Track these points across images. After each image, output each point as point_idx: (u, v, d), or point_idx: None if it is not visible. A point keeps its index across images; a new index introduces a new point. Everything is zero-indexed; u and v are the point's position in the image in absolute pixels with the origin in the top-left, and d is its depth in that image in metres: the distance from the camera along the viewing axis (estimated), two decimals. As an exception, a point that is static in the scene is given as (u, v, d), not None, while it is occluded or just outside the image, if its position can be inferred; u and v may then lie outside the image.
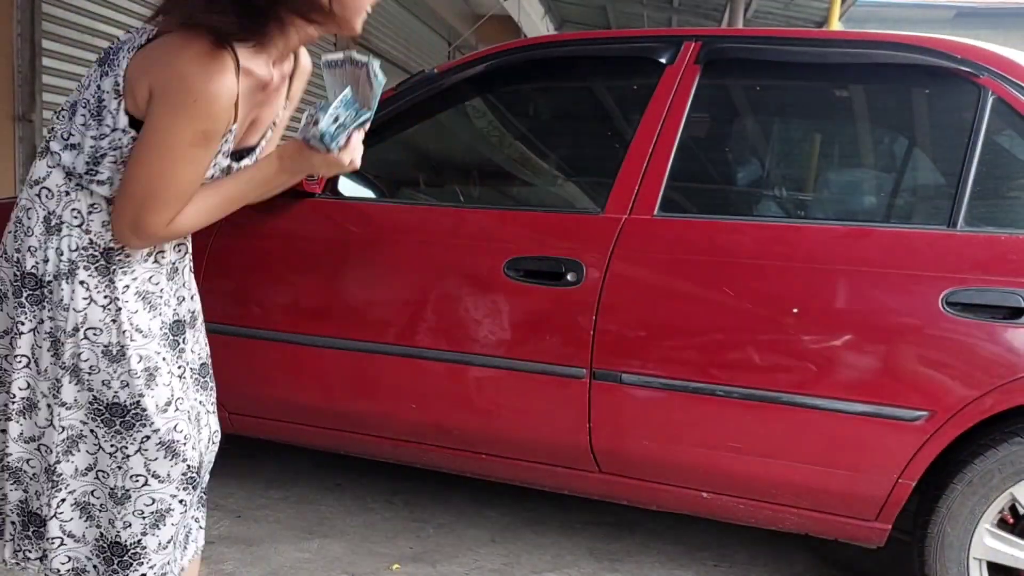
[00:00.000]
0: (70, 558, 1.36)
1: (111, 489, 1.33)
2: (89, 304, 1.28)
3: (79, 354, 1.28)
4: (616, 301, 2.04)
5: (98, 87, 1.26)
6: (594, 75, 2.57)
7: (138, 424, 1.31)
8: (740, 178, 2.59)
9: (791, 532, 2.12)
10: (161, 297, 1.37)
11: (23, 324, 1.28)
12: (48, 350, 1.28)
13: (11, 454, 1.33)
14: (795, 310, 1.93)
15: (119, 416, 1.30)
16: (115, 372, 1.29)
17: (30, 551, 1.38)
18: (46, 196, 1.28)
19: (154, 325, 1.34)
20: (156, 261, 1.36)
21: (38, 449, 1.33)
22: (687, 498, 2.12)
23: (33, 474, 1.34)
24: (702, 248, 2.05)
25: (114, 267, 1.30)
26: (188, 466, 1.37)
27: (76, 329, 1.27)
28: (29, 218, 1.28)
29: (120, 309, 1.30)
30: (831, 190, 2.47)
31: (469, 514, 2.66)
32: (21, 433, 1.32)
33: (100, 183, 1.27)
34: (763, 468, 1.99)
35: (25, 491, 1.35)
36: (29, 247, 1.27)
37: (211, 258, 2.31)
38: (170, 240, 1.31)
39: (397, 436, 2.32)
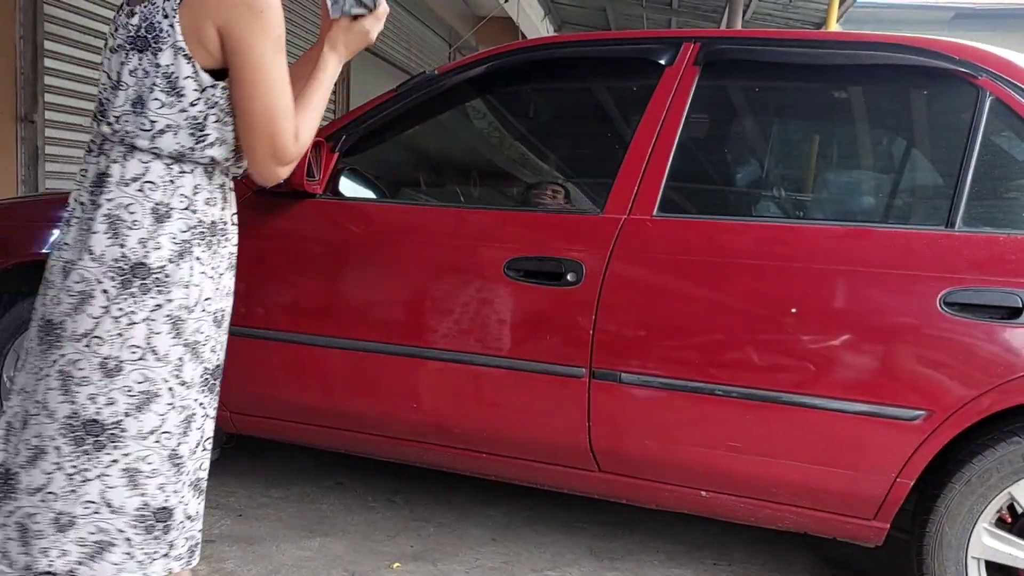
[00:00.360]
0: (187, 539, 1.38)
1: (203, 444, 1.42)
2: (204, 278, 1.35)
3: (199, 328, 1.35)
4: (615, 301, 2.05)
5: (156, 67, 1.28)
6: (594, 76, 2.59)
7: (222, 378, 1.46)
8: (739, 179, 2.60)
9: (790, 531, 2.13)
10: (236, 256, 1.47)
11: (135, 314, 1.29)
12: (168, 333, 1.31)
13: (128, 453, 1.29)
14: (794, 310, 1.94)
15: (218, 377, 1.43)
16: (219, 337, 1.41)
17: (156, 552, 1.34)
18: (150, 189, 1.30)
19: (232, 284, 1.45)
20: (234, 223, 1.44)
21: (158, 441, 1.32)
22: (686, 497, 2.12)
23: (152, 469, 1.31)
24: (701, 248, 2.06)
25: (217, 238, 1.38)
26: None
27: (196, 303, 1.34)
28: (132, 213, 1.30)
29: (223, 275, 1.40)
30: (830, 191, 2.48)
31: (470, 513, 2.67)
32: (140, 430, 1.30)
33: (211, 145, 1.32)
34: (762, 467, 2.00)
35: (143, 493, 1.31)
36: (140, 239, 1.29)
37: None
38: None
39: (398, 435, 2.33)
